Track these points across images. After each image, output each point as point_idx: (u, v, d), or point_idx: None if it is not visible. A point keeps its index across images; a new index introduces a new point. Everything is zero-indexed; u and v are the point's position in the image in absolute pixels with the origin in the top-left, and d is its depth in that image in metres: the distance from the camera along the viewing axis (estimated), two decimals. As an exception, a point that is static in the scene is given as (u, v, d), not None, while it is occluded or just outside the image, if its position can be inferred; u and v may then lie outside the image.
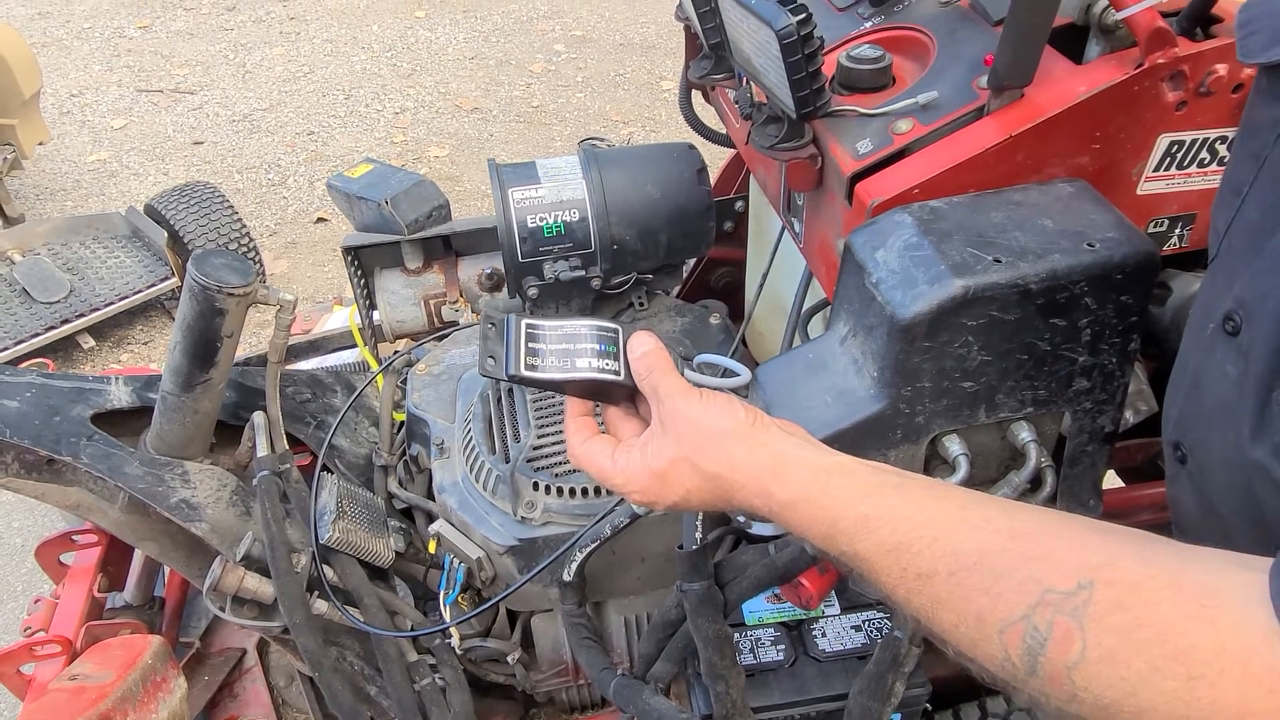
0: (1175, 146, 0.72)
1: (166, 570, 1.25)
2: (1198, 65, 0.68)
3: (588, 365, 0.56)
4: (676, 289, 1.29)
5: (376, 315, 1.32)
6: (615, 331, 0.58)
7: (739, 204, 1.27)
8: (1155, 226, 0.77)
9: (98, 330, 2.27)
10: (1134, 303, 0.65)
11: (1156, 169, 0.74)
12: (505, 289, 1.13)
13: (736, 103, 0.88)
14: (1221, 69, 0.68)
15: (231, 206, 2.25)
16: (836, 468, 0.49)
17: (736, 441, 0.52)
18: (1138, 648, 0.36)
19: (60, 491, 0.97)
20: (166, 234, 2.23)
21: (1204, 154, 0.73)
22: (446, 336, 1.19)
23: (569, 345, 0.57)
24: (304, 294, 2.39)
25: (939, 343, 0.64)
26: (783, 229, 0.97)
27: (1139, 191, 0.75)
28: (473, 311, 1.30)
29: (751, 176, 1.19)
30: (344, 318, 1.68)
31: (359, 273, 1.30)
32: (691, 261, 1.35)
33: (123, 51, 3.66)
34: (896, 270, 0.65)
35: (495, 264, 1.31)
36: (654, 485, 0.54)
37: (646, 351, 0.56)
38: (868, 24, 0.87)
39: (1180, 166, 0.74)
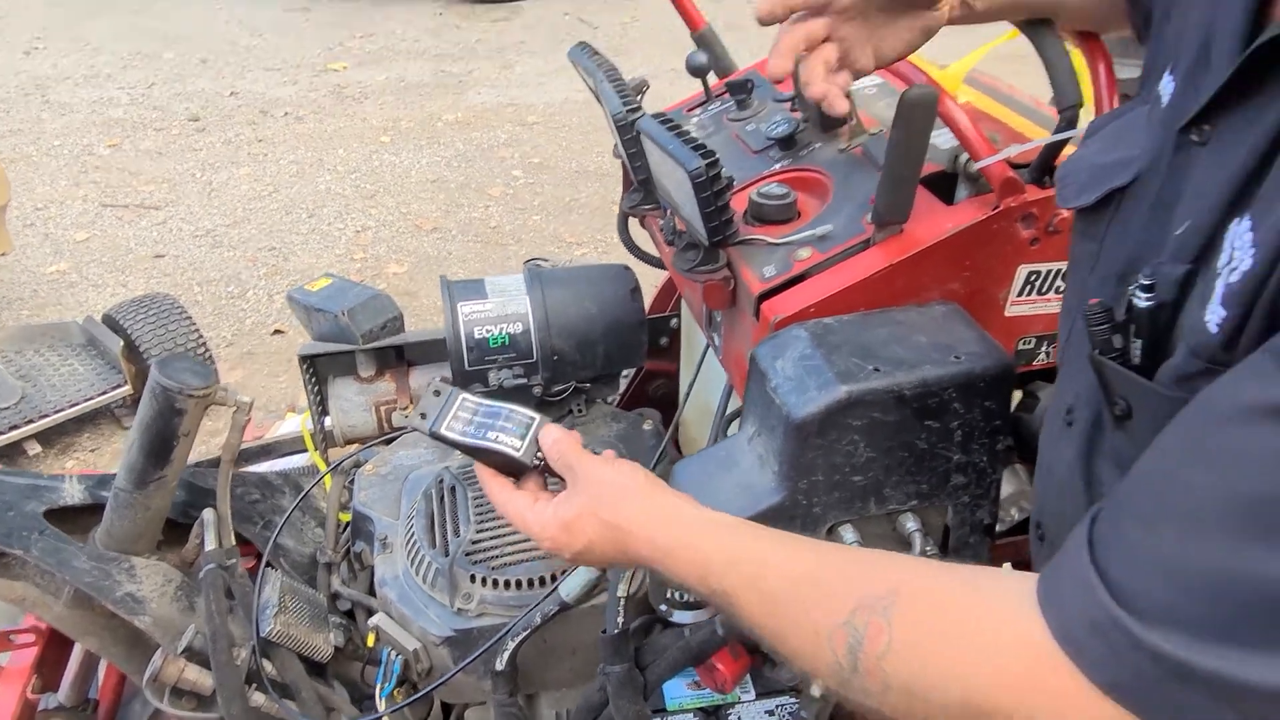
0: (1034, 275, 0.84)
1: (101, 672, 1.25)
2: (1045, 208, 0.81)
3: (495, 439, 0.67)
4: (614, 398, 1.37)
5: (328, 421, 1.38)
6: (530, 419, 0.69)
7: (673, 321, 1.38)
8: (1024, 344, 0.88)
9: (45, 437, 2.27)
10: (996, 407, 0.75)
11: (1020, 294, 0.85)
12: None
13: (662, 230, 0.99)
14: (1065, 211, 0.80)
15: (189, 317, 2.31)
16: (709, 519, 0.60)
17: (634, 496, 0.62)
18: (934, 636, 0.46)
19: (7, 585, 0.99)
20: (122, 343, 2.27)
21: (1059, 282, 0.85)
22: (395, 440, 1.25)
23: (488, 420, 0.69)
24: (257, 403, 2.43)
25: (829, 440, 0.72)
26: (708, 344, 1.07)
27: (1007, 313, 0.86)
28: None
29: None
30: (296, 424, 1.73)
31: (314, 380, 1.37)
32: (630, 373, 1.45)
33: (90, 168, 3.77)
34: (792, 377, 0.74)
35: (445, 373, 1.39)
36: (562, 534, 0.63)
37: (557, 439, 0.69)
38: (777, 165, 0.99)
39: (1040, 292, 0.86)
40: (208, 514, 1.05)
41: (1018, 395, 0.86)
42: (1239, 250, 0.43)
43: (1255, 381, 0.37)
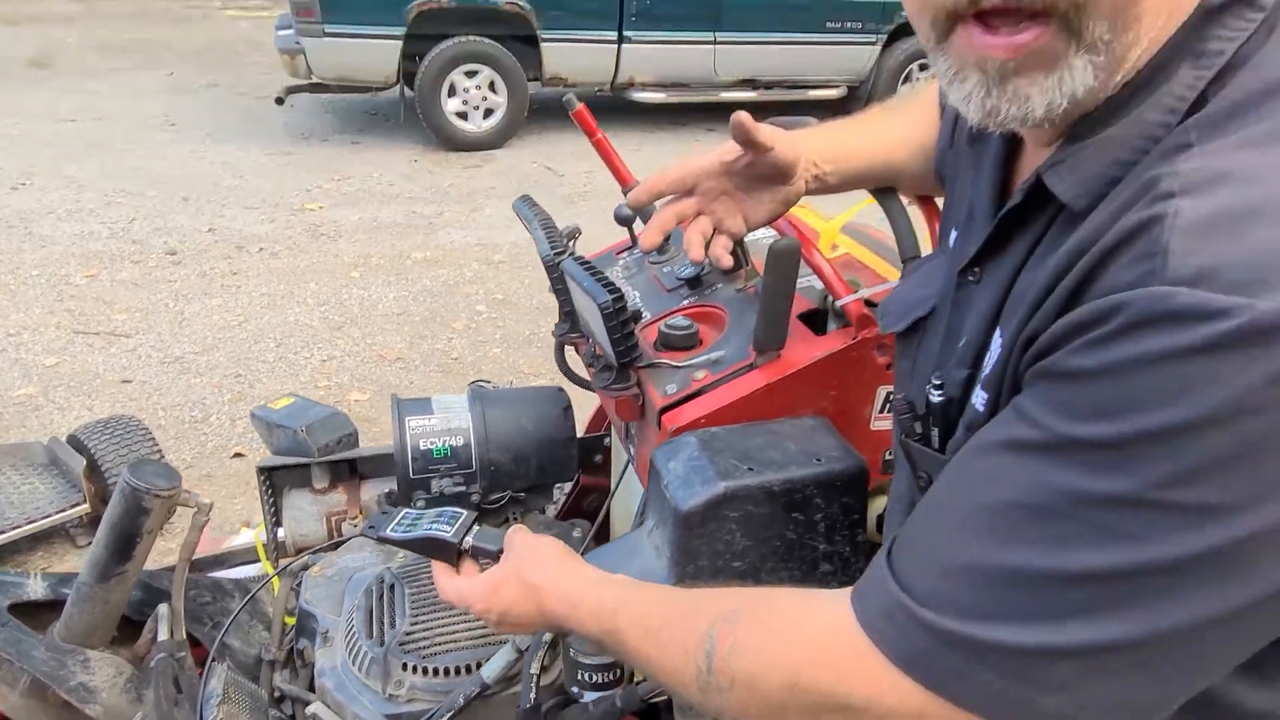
0: (892, 395, 1.00)
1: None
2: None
3: (426, 528, 0.80)
4: (551, 509, 1.49)
5: (281, 532, 1.47)
6: (461, 513, 0.82)
7: (606, 440, 1.51)
8: (889, 454, 1.03)
9: (-3, 555, 2.30)
10: (854, 504, 0.88)
11: (881, 411, 1.00)
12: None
13: (584, 355, 1.14)
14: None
15: (153, 438, 2.39)
16: (606, 577, 0.74)
17: (550, 560, 0.76)
18: (768, 632, 0.59)
19: (-34, 674, 1.06)
20: (85, 462, 2.35)
21: (916, 401, 1.00)
22: (343, 544, 1.35)
23: (426, 520, 0.81)
24: (213, 524, 2.48)
25: (710, 530, 0.85)
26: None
27: (872, 428, 1.01)
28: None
29: (614, 416, 1.44)
30: (250, 537, 1.81)
31: (270, 492, 1.47)
32: (567, 487, 1.57)
33: (66, 297, 3.90)
34: (681, 475, 0.87)
35: (394, 486, 1.50)
36: (490, 595, 0.77)
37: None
38: (685, 301, 1.16)
39: (899, 410, 1.01)
40: (162, 608, 1.13)
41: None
42: (994, 352, 0.59)
43: (999, 427, 0.53)
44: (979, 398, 0.59)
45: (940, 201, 1.06)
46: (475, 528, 0.84)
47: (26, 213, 4.72)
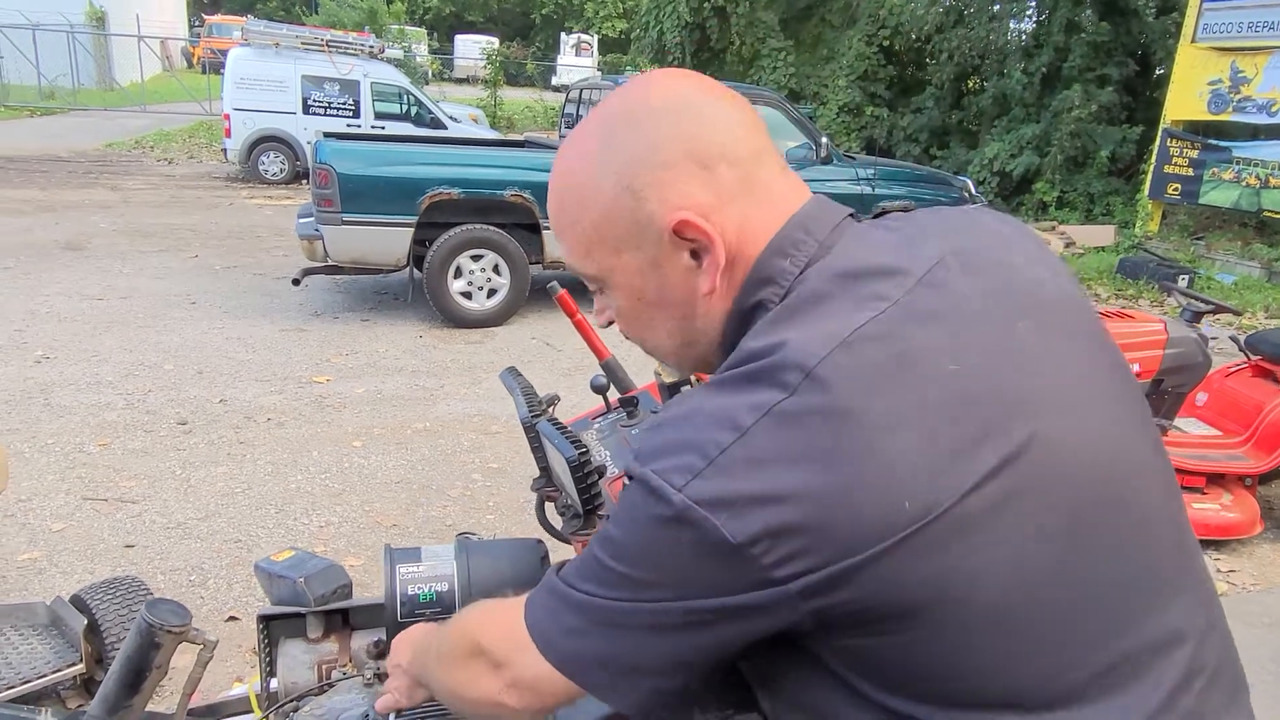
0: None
1: None
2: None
3: None
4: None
5: (274, 682, 1.55)
6: None
7: (583, 591, 1.62)
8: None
9: (-13, 717, 2.33)
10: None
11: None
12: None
13: (558, 505, 1.28)
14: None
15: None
16: (433, 629, 0.99)
17: (421, 628, 1.03)
18: (458, 636, 0.87)
19: (-25, 804, 1.13)
20: (86, 622, 2.42)
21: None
22: (332, 687, 1.43)
23: None
24: (205, 683, 2.52)
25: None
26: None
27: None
28: (359, 675, 1.55)
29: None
30: (243, 690, 1.87)
31: (267, 641, 1.57)
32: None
33: (78, 464, 4.05)
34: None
35: (383, 636, 1.59)
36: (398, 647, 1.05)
37: None
38: (648, 459, 1.32)
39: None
40: (162, 743, 1.21)
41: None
42: None
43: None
44: None
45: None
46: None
47: (47, 384, 4.96)
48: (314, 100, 12.93)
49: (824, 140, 7.49)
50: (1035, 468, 0.69)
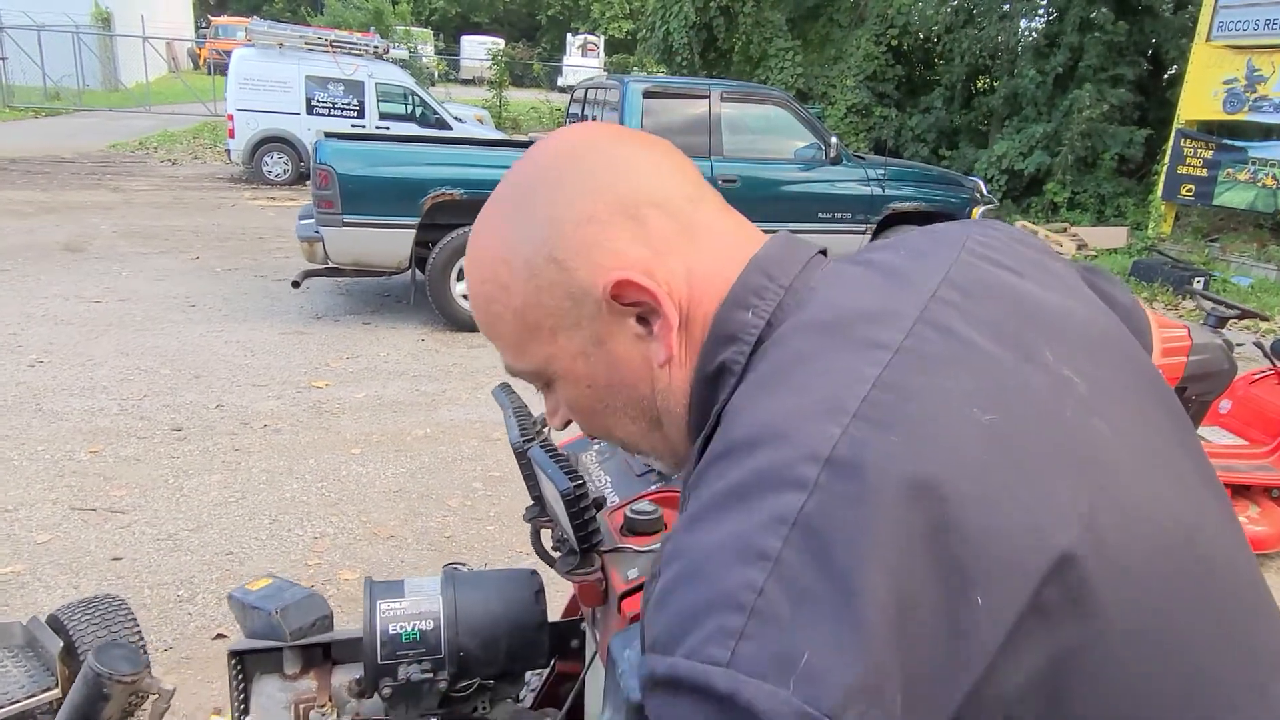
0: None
1: None
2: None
3: None
4: (526, 695, 1.45)
5: (248, 720, 1.44)
6: None
7: (583, 624, 1.50)
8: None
9: (-41, 744, 2.22)
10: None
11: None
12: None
13: (553, 539, 1.16)
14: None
15: (134, 620, 2.36)
16: None
17: None
18: None
19: None
20: (63, 644, 2.30)
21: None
22: (306, 735, 1.31)
23: None
24: (185, 710, 2.41)
25: (663, 721, 0.84)
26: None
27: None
28: (339, 716, 1.43)
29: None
30: (218, 726, 1.75)
31: (240, 678, 1.45)
32: (544, 674, 1.53)
33: (67, 473, 3.94)
34: (635, 664, 0.87)
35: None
36: None
37: None
38: (653, 487, 1.20)
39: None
40: (112, 804, 1.09)
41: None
42: None
43: None
44: None
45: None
46: None
47: (40, 389, 4.85)
48: (318, 101, 12.84)
49: (833, 140, 7.35)
50: (1109, 543, 0.55)
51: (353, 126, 12.34)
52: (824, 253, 0.72)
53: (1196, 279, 8.24)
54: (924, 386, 0.56)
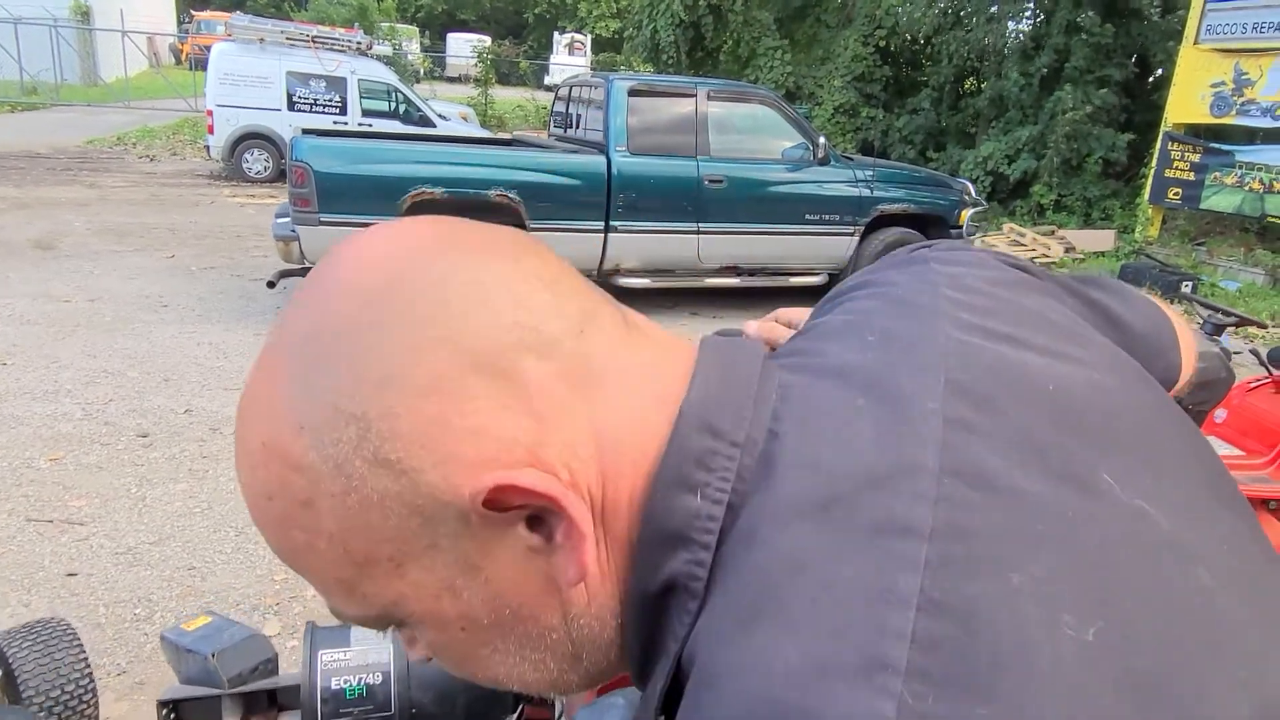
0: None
1: None
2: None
3: None
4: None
5: (184, 773, 1.30)
6: None
7: (553, 666, 1.38)
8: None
9: (-112, 780, 2.07)
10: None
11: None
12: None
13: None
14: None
15: (80, 646, 2.21)
16: None
17: None
18: None
19: None
20: (2, 674, 2.16)
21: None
22: (241, 799, 1.18)
23: None
24: (134, 742, 2.26)
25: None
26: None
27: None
28: (282, 771, 1.30)
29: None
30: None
31: (174, 727, 1.31)
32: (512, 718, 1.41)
33: (25, 482, 3.78)
34: (602, 749, 0.75)
35: (314, 720, 1.34)
36: None
37: None
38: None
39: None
40: None
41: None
42: None
43: None
44: None
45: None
46: None
47: (1, 393, 4.68)
48: (299, 97, 12.65)
49: (821, 140, 7.25)
50: None
51: (335, 123, 12.17)
52: (770, 355, 0.52)
53: (1184, 283, 8.20)
54: (989, 598, 0.38)
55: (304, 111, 12.43)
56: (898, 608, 0.37)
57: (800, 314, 0.92)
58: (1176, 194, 10.04)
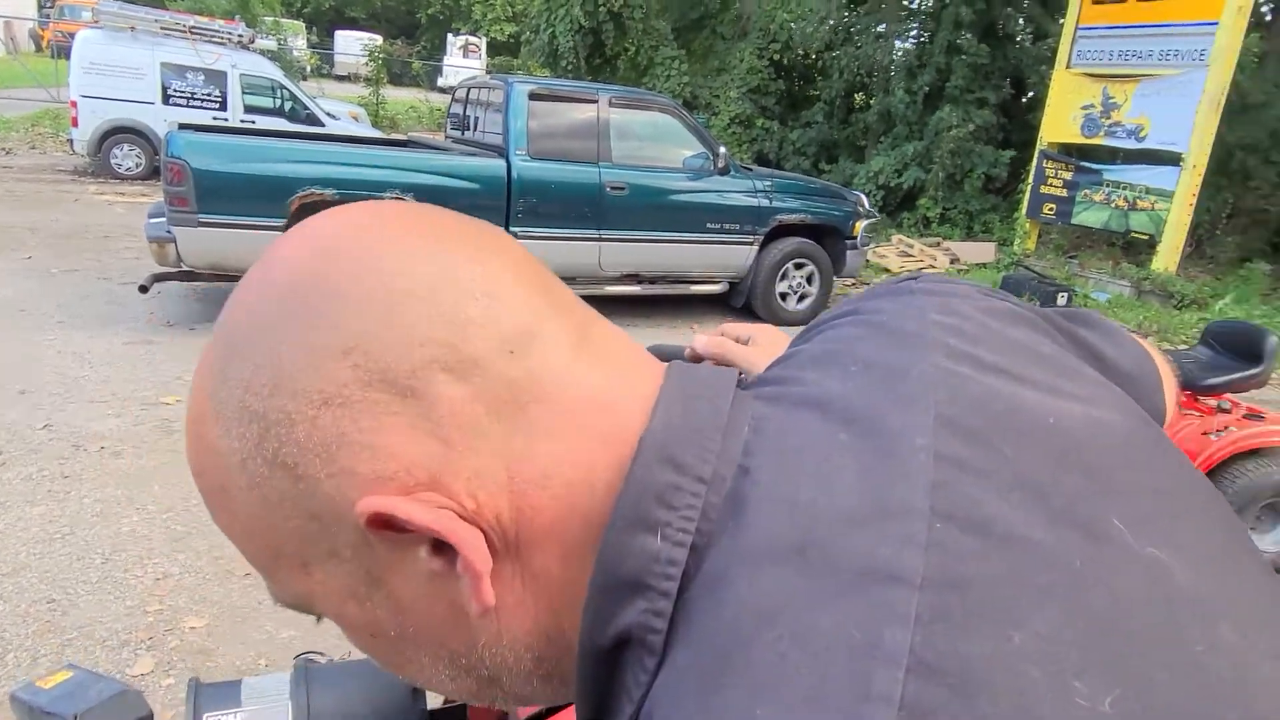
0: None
1: None
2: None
3: None
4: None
5: None
6: None
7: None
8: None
9: None
10: None
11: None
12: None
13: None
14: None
15: (-85, 698, 1.95)
16: None
17: None
18: None
19: None
20: None
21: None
22: None
23: None
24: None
25: None
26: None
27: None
28: (158, 845, 1.14)
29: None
30: None
31: (27, 801, 1.14)
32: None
33: None
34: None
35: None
36: None
37: None
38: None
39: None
40: None
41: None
42: None
43: None
44: None
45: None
46: None
47: None
48: (175, 90, 11.94)
49: (722, 150, 7.29)
50: None
51: (215, 119, 11.54)
52: (741, 382, 0.47)
53: (1060, 294, 8.64)
54: (987, 659, 0.33)
55: (181, 106, 11.74)
56: (884, 666, 0.32)
57: (746, 329, 0.85)
58: (1051, 209, 10.59)
